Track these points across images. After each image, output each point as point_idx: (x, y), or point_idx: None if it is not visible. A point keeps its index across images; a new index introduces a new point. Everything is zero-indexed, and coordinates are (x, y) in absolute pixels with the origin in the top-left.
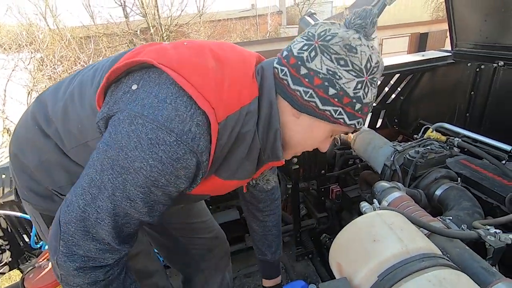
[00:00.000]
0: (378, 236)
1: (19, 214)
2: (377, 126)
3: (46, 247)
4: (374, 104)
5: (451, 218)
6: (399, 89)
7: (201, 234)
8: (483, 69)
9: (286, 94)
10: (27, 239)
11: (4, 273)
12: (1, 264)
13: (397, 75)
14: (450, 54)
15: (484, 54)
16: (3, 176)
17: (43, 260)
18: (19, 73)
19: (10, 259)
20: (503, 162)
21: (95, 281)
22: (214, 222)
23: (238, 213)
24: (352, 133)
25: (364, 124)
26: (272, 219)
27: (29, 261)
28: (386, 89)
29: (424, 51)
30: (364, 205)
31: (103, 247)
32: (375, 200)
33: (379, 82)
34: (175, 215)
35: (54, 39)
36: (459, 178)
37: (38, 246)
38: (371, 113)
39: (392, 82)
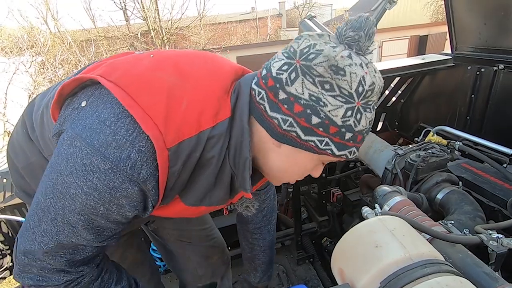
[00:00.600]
0: (380, 242)
1: (20, 218)
2: (378, 129)
3: None
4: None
5: (452, 222)
6: (399, 92)
7: (199, 241)
8: (483, 72)
9: (263, 121)
10: None
11: (5, 278)
12: (2, 269)
13: (397, 78)
14: (450, 57)
15: (484, 58)
16: (4, 180)
17: None
18: (20, 77)
19: (11, 264)
20: (505, 165)
21: None
22: (214, 229)
23: None
24: None
25: (357, 153)
26: (261, 243)
27: None
28: (387, 92)
29: (424, 53)
30: (365, 210)
31: (54, 268)
32: (376, 205)
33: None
34: (172, 221)
35: (55, 43)
36: (460, 182)
37: None
38: None
39: (392, 85)
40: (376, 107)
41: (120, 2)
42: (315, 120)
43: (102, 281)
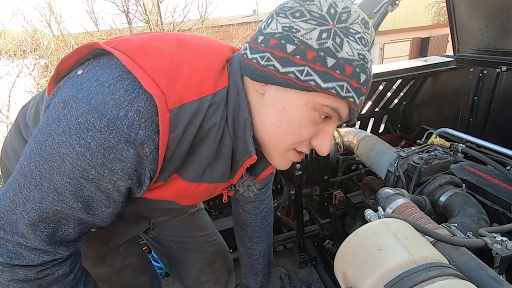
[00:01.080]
0: (384, 245)
1: None
2: (380, 131)
3: None
4: (377, 109)
5: (456, 225)
6: (401, 94)
7: (201, 248)
8: (486, 74)
9: (245, 67)
10: None
11: None
12: None
13: (399, 81)
14: (452, 59)
15: (487, 60)
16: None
17: None
18: (24, 79)
19: None
20: (508, 168)
21: (25, 279)
22: (216, 235)
23: None
24: (347, 124)
25: (359, 98)
26: (260, 247)
27: None
28: (389, 94)
29: (426, 55)
30: (368, 212)
31: (31, 246)
32: (379, 208)
33: (371, 38)
34: (173, 228)
35: (58, 46)
36: (463, 184)
37: None
38: (373, 118)
39: (394, 87)
40: (370, 42)
41: (123, 5)
42: (290, 48)
43: (75, 277)
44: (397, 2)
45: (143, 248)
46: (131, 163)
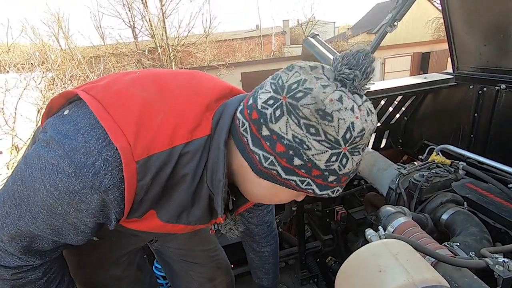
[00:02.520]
0: (384, 266)
1: None
2: (382, 146)
3: None
4: (378, 125)
5: (458, 244)
6: (403, 109)
7: (202, 262)
8: (486, 91)
9: (245, 154)
10: None
11: None
12: None
13: (400, 97)
14: (452, 76)
15: (486, 77)
16: None
17: None
18: (30, 92)
19: None
20: (510, 186)
21: (1, 278)
22: (219, 250)
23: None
24: None
25: (340, 192)
26: (269, 249)
27: None
28: (390, 109)
29: (427, 70)
30: (369, 232)
31: (7, 250)
32: (380, 228)
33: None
34: (175, 240)
35: (65, 59)
36: (465, 203)
37: None
38: (375, 134)
39: (395, 102)
40: (364, 150)
41: (129, 21)
42: (297, 162)
43: (47, 280)
44: (395, 23)
45: (144, 256)
46: (96, 206)
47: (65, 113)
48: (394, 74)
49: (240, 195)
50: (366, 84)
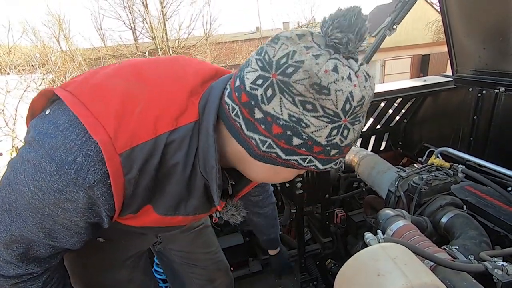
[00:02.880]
0: (382, 270)
1: None
2: (381, 148)
3: None
4: (378, 127)
5: (457, 247)
6: (403, 111)
7: (203, 264)
8: (485, 94)
9: (240, 139)
10: None
11: None
12: None
13: (399, 99)
14: (451, 79)
15: (485, 80)
16: None
17: None
18: (31, 94)
19: None
20: (509, 189)
21: None
22: (219, 253)
23: (242, 237)
24: None
25: (344, 160)
26: (271, 207)
27: None
28: (390, 111)
29: (427, 72)
30: (368, 236)
31: (6, 259)
32: (379, 231)
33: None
34: (178, 242)
35: (66, 61)
36: (464, 206)
37: None
38: (374, 136)
39: (395, 105)
40: (364, 117)
41: (130, 23)
42: (296, 141)
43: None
44: (394, 27)
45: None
46: (83, 204)
47: (46, 112)
48: (394, 76)
49: (239, 179)
50: (360, 45)
